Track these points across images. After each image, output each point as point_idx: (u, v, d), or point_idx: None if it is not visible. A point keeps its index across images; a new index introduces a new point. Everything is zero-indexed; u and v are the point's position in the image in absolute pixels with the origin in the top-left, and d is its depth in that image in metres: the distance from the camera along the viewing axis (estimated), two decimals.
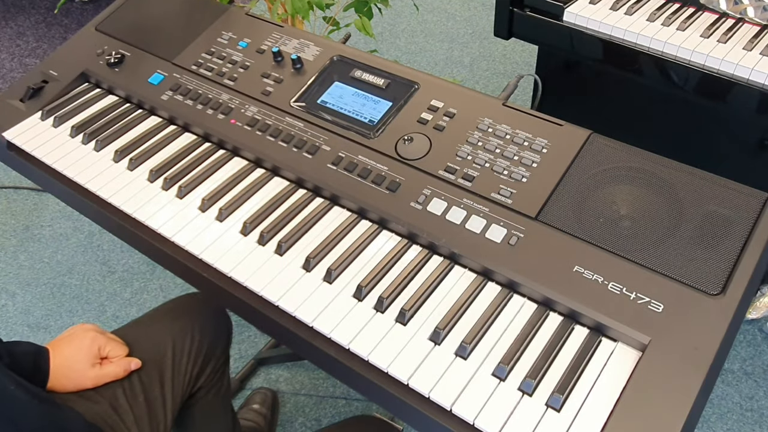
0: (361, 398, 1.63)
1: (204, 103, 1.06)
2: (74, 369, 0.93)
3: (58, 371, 0.92)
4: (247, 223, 0.90)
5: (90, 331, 0.97)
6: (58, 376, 0.92)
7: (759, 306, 1.68)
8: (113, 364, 0.97)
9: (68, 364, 0.93)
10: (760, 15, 1.34)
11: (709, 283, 0.74)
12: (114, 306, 1.88)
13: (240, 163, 1.00)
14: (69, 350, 0.94)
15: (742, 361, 1.65)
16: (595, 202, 0.83)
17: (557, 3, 1.45)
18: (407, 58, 2.74)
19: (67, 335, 0.97)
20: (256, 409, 1.51)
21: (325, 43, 1.10)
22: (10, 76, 2.73)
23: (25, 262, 2.02)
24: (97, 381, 0.95)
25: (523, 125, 0.92)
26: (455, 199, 0.87)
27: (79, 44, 1.22)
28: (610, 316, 0.73)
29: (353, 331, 0.77)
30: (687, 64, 1.31)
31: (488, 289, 0.81)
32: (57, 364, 0.92)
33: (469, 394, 0.70)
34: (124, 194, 0.97)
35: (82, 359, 0.94)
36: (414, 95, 0.99)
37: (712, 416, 1.56)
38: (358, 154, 0.94)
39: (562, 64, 1.80)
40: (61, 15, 3.04)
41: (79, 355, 0.94)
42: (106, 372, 0.96)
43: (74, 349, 0.94)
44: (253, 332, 1.78)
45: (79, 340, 0.95)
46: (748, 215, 0.78)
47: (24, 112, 1.12)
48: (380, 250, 0.86)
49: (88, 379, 0.94)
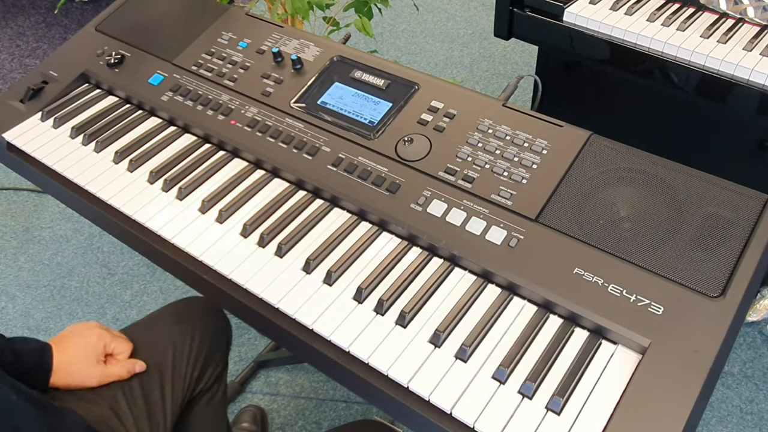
0: (361, 401, 1.63)
1: (204, 104, 1.06)
2: (79, 366, 0.93)
3: (62, 368, 0.91)
4: (247, 225, 0.90)
5: (95, 328, 0.97)
6: (61, 373, 0.91)
7: (759, 308, 1.68)
8: (118, 364, 0.96)
9: (72, 361, 0.92)
10: (760, 15, 1.34)
11: (709, 285, 0.74)
12: (114, 308, 1.88)
13: (240, 165, 1.00)
14: (74, 347, 0.93)
15: (742, 364, 1.65)
16: (595, 204, 0.83)
17: (557, 3, 1.45)
18: (407, 59, 2.74)
19: (69, 332, 0.96)
20: (245, 428, 1.51)
21: (325, 44, 1.10)
22: (10, 76, 2.73)
23: (24, 264, 2.02)
24: (101, 380, 0.94)
25: (523, 126, 0.92)
26: (455, 201, 0.87)
27: (79, 45, 1.22)
28: (610, 319, 0.73)
29: (353, 334, 0.77)
30: (687, 65, 1.31)
31: (488, 292, 0.81)
32: (61, 360, 0.91)
33: (469, 397, 0.70)
34: (124, 196, 0.97)
35: (87, 356, 0.93)
36: (414, 96, 0.99)
37: (712, 419, 1.56)
38: (358, 155, 0.94)
39: (562, 64, 1.80)
40: (61, 15, 3.04)
41: (84, 352, 0.93)
42: (111, 372, 0.95)
43: (79, 346, 0.94)
44: (253, 334, 1.78)
45: (84, 337, 0.95)
46: (748, 217, 0.78)
47: (24, 113, 1.12)
48: (380, 252, 0.86)
49: (92, 376, 0.93)
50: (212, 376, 1.11)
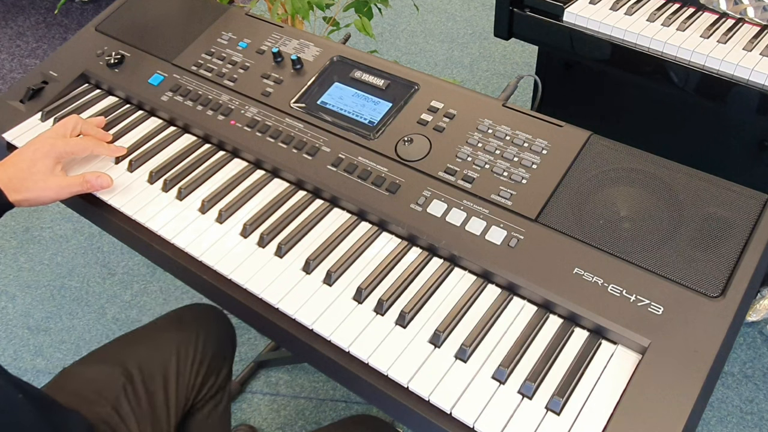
0: (361, 401, 1.63)
1: (204, 104, 1.06)
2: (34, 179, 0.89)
3: (15, 183, 0.88)
4: (247, 225, 0.90)
5: (49, 138, 0.92)
6: (15, 186, 0.88)
7: (759, 308, 1.68)
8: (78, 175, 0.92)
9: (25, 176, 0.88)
10: (760, 15, 1.34)
11: (709, 285, 0.74)
12: (114, 308, 1.88)
13: (240, 165, 1.00)
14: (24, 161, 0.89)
15: (742, 364, 1.65)
16: (595, 204, 0.83)
17: (557, 3, 1.45)
18: (407, 59, 2.74)
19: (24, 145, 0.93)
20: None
21: (325, 44, 1.10)
22: (10, 76, 2.73)
23: (25, 264, 2.02)
24: (59, 191, 0.91)
25: (523, 126, 0.92)
26: (455, 201, 0.87)
27: (79, 45, 1.22)
28: (609, 319, 0.73)
29: (353, 334, 0.77)
30: (687, 65, 1.31)
31: (488, 292, 0.81)
32: (11, 175, 0.88)
33: (469, 397, 0.70)
34: (124, 196, 0.97)
35: (39, 167, 0.89)
36: (414, 96, 0.99)
37: (712, 419, 1.56)
38: (358, 155, 0.94)
39: (562, 64, 1.80)
40: (61, 15, 3.04)
41: (34, 162, 0.89)
42: (70, 181, 0.91)
43: (29, 157, 0.89)
44: (253, 335, 1.78)
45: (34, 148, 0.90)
46: (748, 217, 0.78)
47: (24, 113, 1.12)
48: (380, 252, 0.86)
49: (48, 187, 0.90)
50: (215, 383, 1.11)
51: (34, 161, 0.90)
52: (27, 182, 0.89)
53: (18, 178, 0.89)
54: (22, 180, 0.89)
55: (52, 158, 0.92)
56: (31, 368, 1.75)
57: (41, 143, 0.92)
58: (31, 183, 0.89)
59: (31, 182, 0.90)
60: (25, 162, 0.90)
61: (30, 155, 0.91)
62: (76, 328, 1.83)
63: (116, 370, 0.98)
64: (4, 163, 0.91)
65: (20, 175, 0.89)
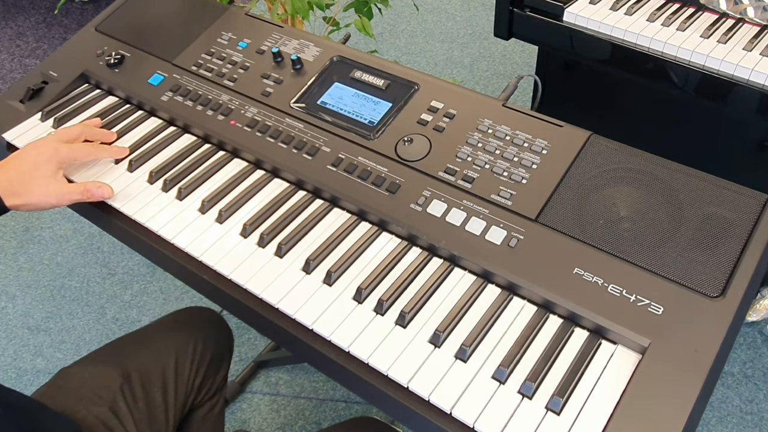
0: (361, 401, 1.63)
1: (204, 104, 1.06)
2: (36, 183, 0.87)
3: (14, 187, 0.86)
4: (247, 225, 0.90)
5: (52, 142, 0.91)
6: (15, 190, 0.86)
7: (759, 308, 1.68)
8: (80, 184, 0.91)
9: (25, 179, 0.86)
10: (760, 15, 1.34)
11: (709, 285, 0.74)
12: (114, 308, 1.88)
13: (240, 165, 1.00)
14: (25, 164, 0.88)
15: (742, 364, 1.65)
16: (595, 204, 0.83)
17: (557, 3, 1.45)
18: (407, 59, 2.74)
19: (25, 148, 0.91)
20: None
21: (325, 44, 1.10)
22: (10, 76, 2.73)
23: (25, 264, 2.02)
24: (60, 198, 0.89)
25: (523, 126, 0.92)
26: (455, 201, 0.87)
27: (78, 45, 1.22)
28: (610, 319, 0.73)
29: (353, 334, 0.77)
30: (687, 65, 1.31)
31: (488, 292, 0.81)
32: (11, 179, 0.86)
33: (469, 397, 0.70)
34: (124, 196, 0.97)
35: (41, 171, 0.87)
36: (414, 96, 0.99)
37: (712, 419, 1.56)
38: (358, 155, 0.94)
39: (562, 64, 1.80)
40: (61, 15, 3.04)
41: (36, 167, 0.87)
42: (72, 188, 0.90)
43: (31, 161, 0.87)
44: (253, 335, 1.78)
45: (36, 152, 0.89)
46: (748, 217, 0.78)
47: (24, 113, 1.12)
48: (380, 252, 0.86)
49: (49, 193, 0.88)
50: (213, 385, 1.11)
51: (37, 165, 0.89)
52: (28, 186, 0.88)
53: (19, 182, 0.88)
54: (23, 184, 0.88)
55: (55, 163, 0.91)
56: (31, 368, 1.75)
57: (45, 147, 0.91)
58: (33, 187, 0.88)
59: (33, 186, 0.88)
60: (27, 165, 0.89)
61: (33, 158, 0.90)
62: (76, 328, 1.83)
63: (114, 370, 0.98)
64: (5, 164, 0.89)
65: (21, 179, 0.88)
